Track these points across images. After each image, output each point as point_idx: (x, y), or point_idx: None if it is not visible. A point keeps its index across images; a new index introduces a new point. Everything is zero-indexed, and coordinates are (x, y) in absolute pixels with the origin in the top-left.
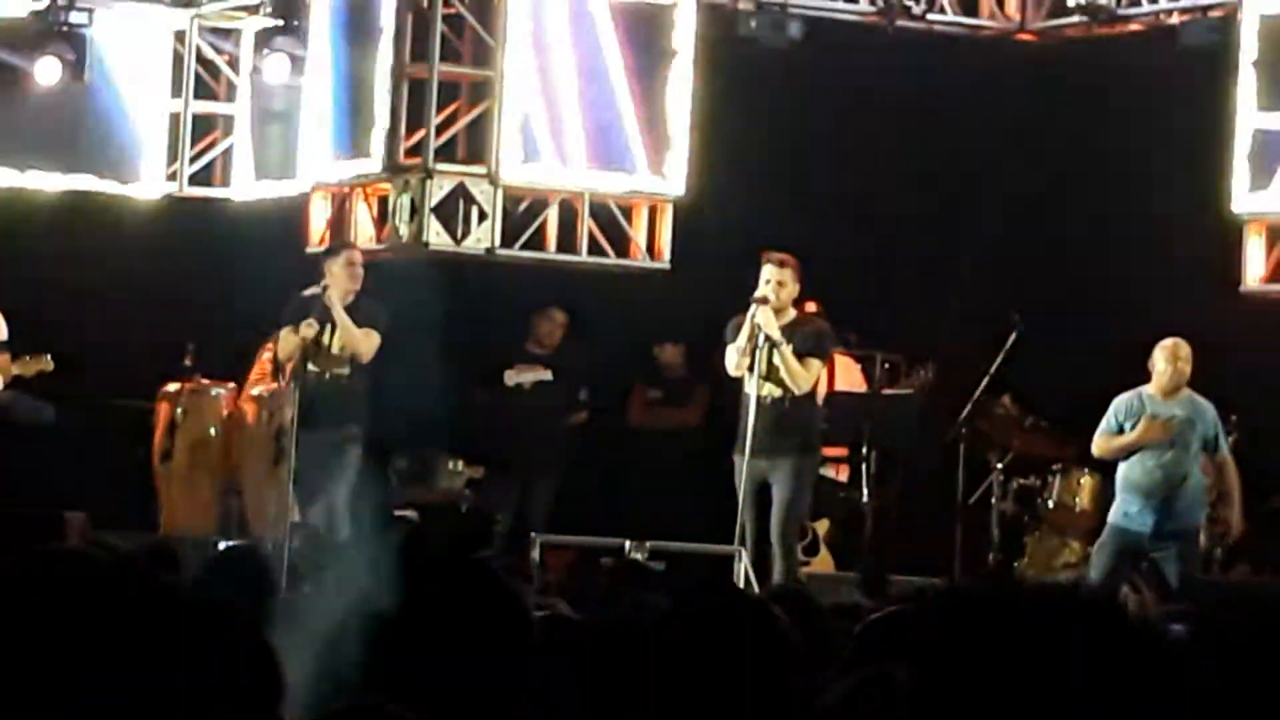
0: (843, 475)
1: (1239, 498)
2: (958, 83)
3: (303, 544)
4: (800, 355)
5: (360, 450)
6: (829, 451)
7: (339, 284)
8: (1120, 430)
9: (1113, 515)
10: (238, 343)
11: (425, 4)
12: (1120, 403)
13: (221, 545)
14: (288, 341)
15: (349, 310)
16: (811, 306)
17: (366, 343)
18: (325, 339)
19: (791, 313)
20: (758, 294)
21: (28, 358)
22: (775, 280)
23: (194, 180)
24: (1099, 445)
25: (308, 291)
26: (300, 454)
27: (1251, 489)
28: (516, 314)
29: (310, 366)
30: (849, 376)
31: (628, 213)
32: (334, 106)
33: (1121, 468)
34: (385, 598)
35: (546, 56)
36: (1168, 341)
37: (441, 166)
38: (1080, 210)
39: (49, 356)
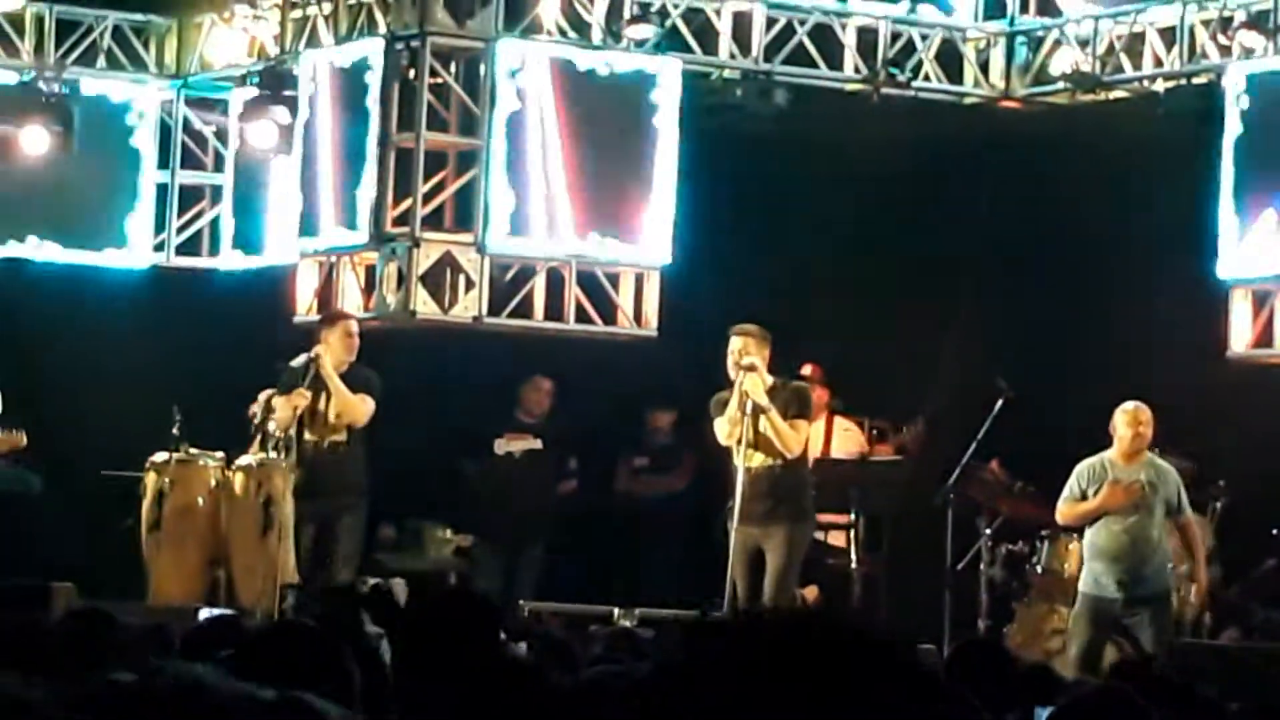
0: (834, 540)
1: (1204, 557)
2: (943, 150)
3: (296, 608)
4: (787, 418)
5: (359, 519)
6: (824, 518)
7: (334, 353)
8: (1083, 496)
9: (1083, 584)
10: (225, 413)
11: (412, 74)
12: (1083, 469)
13: (204, 614)
14: (284, 411)
15: (342, 377)
16: (808, 369)
17: (362, 408)
18: (321, 407)
19: (769, 379)
20: (746, 361)
21: (0, 434)
22: (737, 349)
23: (181, 250)
24: (1062, 512)
25: (296, 361)
26: (299, 524)
27: (1239, 554)
28: (504, 383)
29: (307, 435)
30: (851, 438)
31: (614, 281)
32: (321, 176)
33: (1088, 534)
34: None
35: (532, 125)
36: (1128, 405)
37: (428, 235)
38: (1066, 275)
39: (22, 433)
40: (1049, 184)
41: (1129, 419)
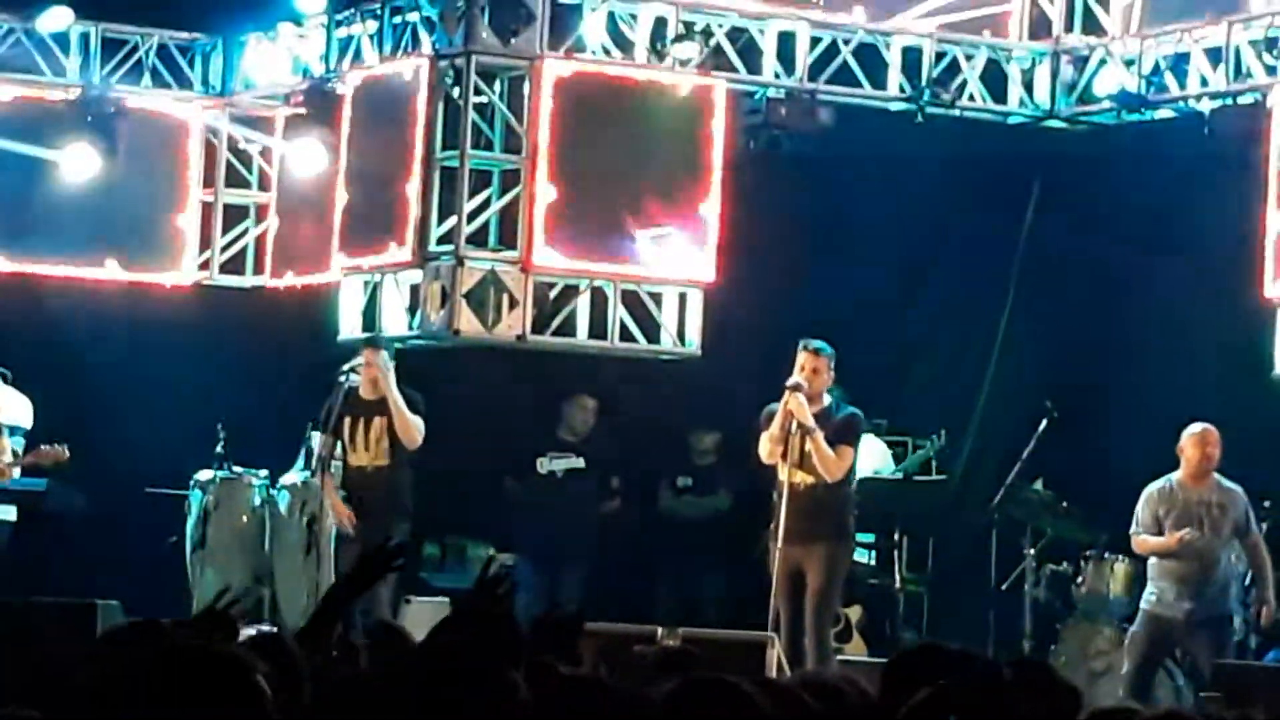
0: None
1: (1271, 579)
2: (987, 169)
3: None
4: (832, 443)
5: (403, 540)
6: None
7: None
8: (1156, 520)
9: (1145, 601)
10: (270, 431)
11: (456, 92)
12: (1151, 492)
13: (250, 631)
14: (326, 441)
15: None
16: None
17: (419, 427)
18: (360, 433)
19: (825, 400)
20: (791, 381)
21: (44, 448)
22: (810, 368)
23: (226, 268)
24: (1140, 545)
25: (343, 379)
26: (347, 542)
27: None
28: (547, 401)
29: (351, 460)
30: (875, 455)
31: (658, 299)
32: (365, 194)
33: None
34: None
35: (577, 143)
36: (1196, 427)
37: (472, 253)
38: (1111, 295)
39: (65, 448)
40: (1094, 204)
41: (1197, 440)
